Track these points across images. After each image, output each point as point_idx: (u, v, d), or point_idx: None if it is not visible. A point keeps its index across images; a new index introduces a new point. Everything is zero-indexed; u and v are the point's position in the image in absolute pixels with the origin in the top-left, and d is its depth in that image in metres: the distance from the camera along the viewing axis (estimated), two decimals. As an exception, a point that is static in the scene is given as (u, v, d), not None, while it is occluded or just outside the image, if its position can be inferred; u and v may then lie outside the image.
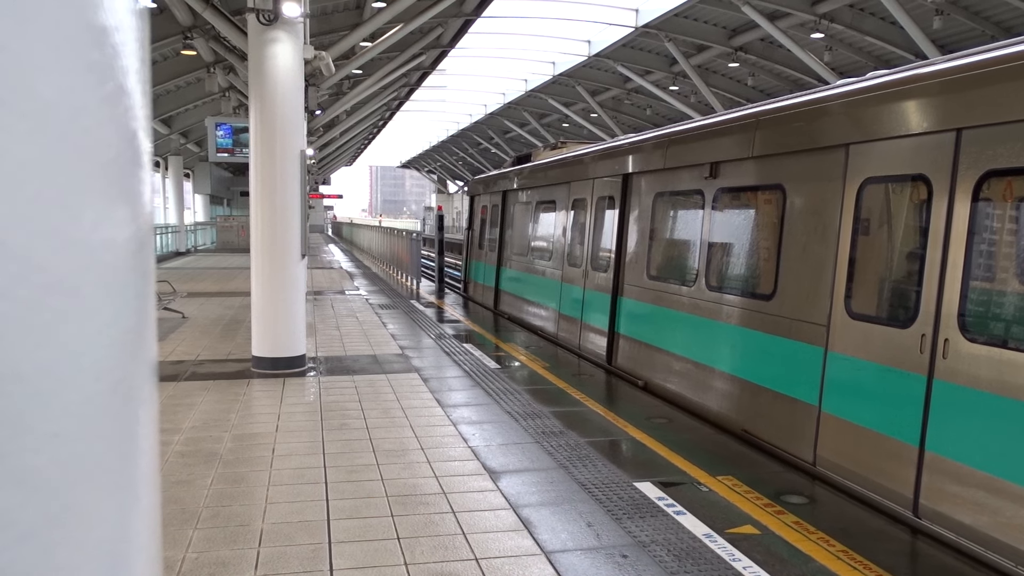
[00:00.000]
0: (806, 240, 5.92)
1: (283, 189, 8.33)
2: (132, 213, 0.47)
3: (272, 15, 8.15)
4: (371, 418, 6.61)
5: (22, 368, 0.38)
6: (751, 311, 6.58)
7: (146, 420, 0.49)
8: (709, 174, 7.35)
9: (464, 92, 44.03)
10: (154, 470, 0.51)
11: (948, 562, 4.10)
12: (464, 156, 64.78)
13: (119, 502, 0.46)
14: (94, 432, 0.43)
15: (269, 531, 4.27)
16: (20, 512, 0.38)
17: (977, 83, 4.50)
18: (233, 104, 22.67)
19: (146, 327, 0.49)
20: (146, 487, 0.49)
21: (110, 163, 0.44)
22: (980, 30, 18.37)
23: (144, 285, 0.49)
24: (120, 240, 0.45)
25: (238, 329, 11.29)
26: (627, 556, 4.01)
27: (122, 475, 0.46)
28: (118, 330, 0.45)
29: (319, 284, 18.61)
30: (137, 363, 0.47)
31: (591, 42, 29.53)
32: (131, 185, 0.46)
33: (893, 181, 5.13)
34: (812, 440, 5.65)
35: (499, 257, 14.96)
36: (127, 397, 0.46)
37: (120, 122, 0.45)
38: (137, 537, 0.48)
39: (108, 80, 0.43)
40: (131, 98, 0.46)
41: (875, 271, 5.26)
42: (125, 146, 0.46)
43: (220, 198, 42.83)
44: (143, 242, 0.48)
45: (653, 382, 8.22)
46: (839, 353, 5.44)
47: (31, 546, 0.39)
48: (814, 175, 5.88)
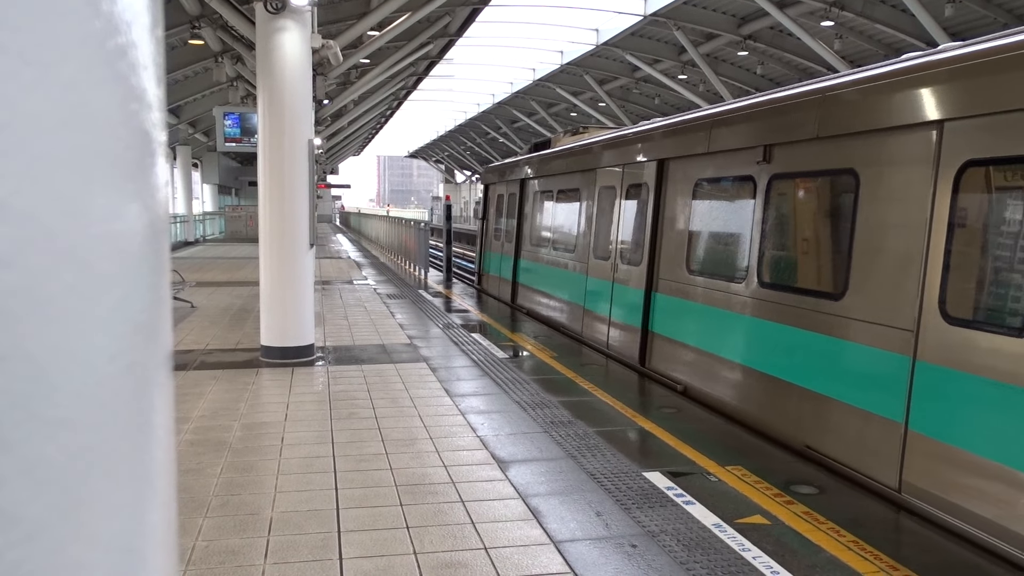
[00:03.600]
0: (885, 232, 5.17)
1: (291, 179, 8.32)
2: (145, 189, 0.45)
3: (280, 4, 8.12)
4: (380, 407, 6.62)
5: (28, 347, 0.35)
6: (814, 312, 5.78)
7: (162, 406, 0.47)
8: (763, 158, 6.53)
9: (472, 81, 43.99)
10: (171, 459, 0.49)
11: (959, 553, 4.08)
12: (472, 146, 64.67)
13: (134, 493, 0.44)
14: (107, 418, 0.41)
15: (278, 520, 4.28)
16: (28, 507, 0.36)
17: None
18: (241, 94, 22.66)
19: (162, 312, 0.48)
20: (162, 477, 0.48)
21: (128, 149, 0.43)
22: (992, 17, 18.19)
23: (160, 270, 0.47)
24: (136, 223, 0.43)
25: (247, 318, 11.31)
26: (636, 546, 4.01)
27: (137, 464, 0.44)
28: (133, 312, 0.43)
29: (327, 274, 18.63)
30: (152, 348, 0.46)
31: (599, 31, 29.38)
32: (147, 171, 0.45)
33: (1003, 164, 4.35)
34: (896, 463, 4.88)
35: (517, 249, 14.12)
36: (142, 381, 0.44)
37: (137, 108, 0.43)
38: (153, 530, 0.46)
39: (126, 65, 0.42)
40: (148, 85, 0.44)
41: (986, 268, 4.44)
42: (142, 132, 0.45)
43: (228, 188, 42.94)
44: (159, 226, 0.47)
45: (694, 387, 7.50)
46: (932, 363, 4.66)
47: (40, 543, 0.36)
48: (897, 158, 5.11)
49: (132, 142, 0.43)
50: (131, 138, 0.43)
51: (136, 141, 0.44)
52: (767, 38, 24.34)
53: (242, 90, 22.56)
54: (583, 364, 8.74)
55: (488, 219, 16.67)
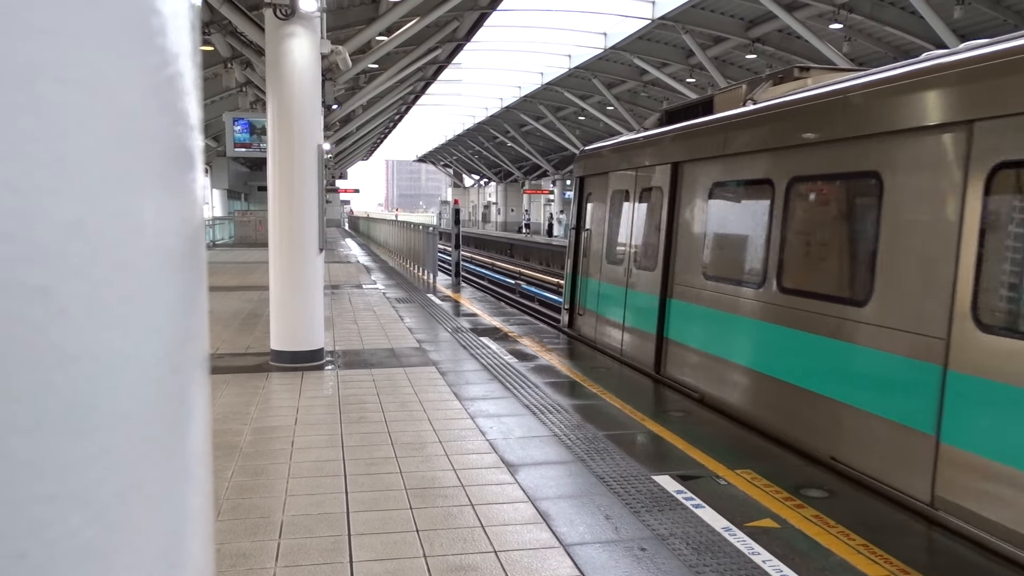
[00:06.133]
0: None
1: (300, 184, 8.36)
2: (188, 202, 0.48)
3: (289, 10, 8.17)
4: (389, 411, 6.64)
5: (96, 349, 0.40)
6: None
7: (201, 404, 0.51)
8: None
9: (480, 86, 44.04)
10: (208, 451, 0.53)
11: (969, 556, 4.07)
12: (480, 150, 64.77)
13: (179, 479, 0.48)
14: (158, 413, 0.45)
15: (289, 523, 4.30)
16: (97, 490, 0.40)
17: None
18: (250, 99, 22.79)
19: (201, 317, 0.51)
20: (201, 467, 0.51)
21: (174, 167, 0.46)
22: (1002, 19, 18.13)
23: (199, 276, 0.50)
24: (178, 228, 0.46)
25: (256, 323, 11.36)
26: (646, 549, 4.01)
27: (181, 454, 0.48)
28: (178, 317, 0.47)
29: (336, 278, 18.69)
30: (193, 348, 0.49)
31: (607, 34, 29.41)
32: (186, 176, 0.48)
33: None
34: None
35: (666, 281, 8.35)
36: (185, 380, 0.48)
37: (183, 131, 0.46)
38: (194, 512, 0.50)
39: (167, 70, 0.44)
40: (187, 90, 0.47)
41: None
42: (186, 152, 0.48)
43: (238, 193, 43.10)
44: (197, 231, 0.50)
45: None
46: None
47: (106, 522, 0.41)
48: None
49: (178, 161, 0.46)
50: (177, 157, 0.46)
51: (181, 160, 0.47)
52: (775, 41, 24.31)
53: (251, 95, 22.69)
54: (618, 381, 8.71)
55: (591, 229, 10.98)
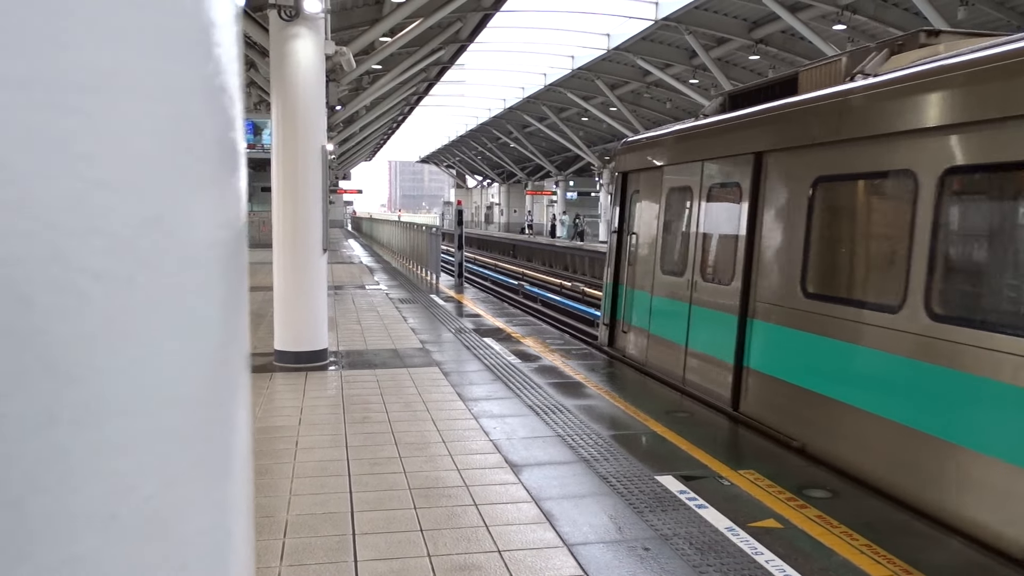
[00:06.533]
0: None
1: (304, 185, 8.38)
2: (236, 201, 0.49)
3: (293, 11, 8.19)
4: (393, 411, 6.65)
5: (166, 345, 0.42)
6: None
7: (243, 398, 0.52)
8: None
9: (483, 87, 44.02)
10: (248, 443, 0.55)
11: (974, 557, 4.07)
12: (483, 151, 64.80)
13: (225, 469, 0.49)
14: (209, 405, 0.47)
15: (294, 522, 4.32)
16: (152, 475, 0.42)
17: None
18: (254, 100, 22.82)
19: (244, 315, 0.53)
20: (242, 457, 0.53)
21: (222, 156, 0.48)
22: (1006, 20, 18.11)
23: (242, 274, 0.52)
24: (230, 224, 0.48)
25: (260, 323, 11.37)
26: (649, 549, 4.02)
27: (227, 446, 0.49)
28: (229, 308, 0.49)
29: (340, 279, 18.71)
30: (236, 349, 0.51)
31: (610, 35, 29.42)
32: (234, 177, 0.49)
33: None
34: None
35: (745, 300, 6.76)
36: (232, 374, 0.50)
37: (228, 119, 0.48)
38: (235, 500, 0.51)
39: (220, 78, 0.46)
40: (235, 96, 0.48)
41: None
42: (234, 152, 0.49)
43: (241, 193, 43.17)
44: (242, 229, 0.51)
45: None
46: None
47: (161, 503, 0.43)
48: None
49: (228, 163, 0.49)
50: (228, 159, 0.48)
51: (231, 162, 0.49)
52: (779, 42, 24.30)
53: (255, 96, 22.72)
54: (638, 388, 8.71)
55: (638, 232, 9.37)
